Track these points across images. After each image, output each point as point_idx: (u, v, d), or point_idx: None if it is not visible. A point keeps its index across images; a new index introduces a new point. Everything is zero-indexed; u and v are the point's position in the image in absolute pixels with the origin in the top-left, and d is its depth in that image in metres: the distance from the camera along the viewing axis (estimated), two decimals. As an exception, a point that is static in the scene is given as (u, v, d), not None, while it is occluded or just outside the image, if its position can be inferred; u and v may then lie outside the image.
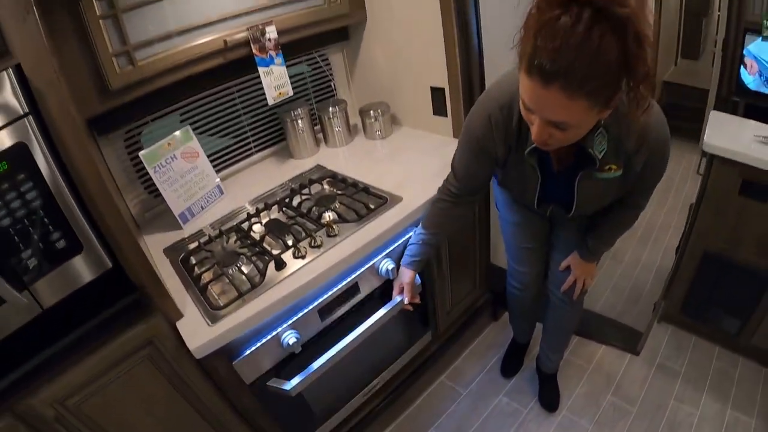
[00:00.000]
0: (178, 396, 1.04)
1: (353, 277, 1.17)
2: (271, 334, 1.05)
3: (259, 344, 1.04)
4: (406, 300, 1.21)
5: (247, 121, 1.63)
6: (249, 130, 1.65)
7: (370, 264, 1.20)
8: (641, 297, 1.97)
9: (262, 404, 1.14)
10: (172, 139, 1.33)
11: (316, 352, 1.13)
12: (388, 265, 1.21)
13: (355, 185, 1.40)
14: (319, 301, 1.12)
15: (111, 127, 1.30)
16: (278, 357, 1.09)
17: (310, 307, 1.11)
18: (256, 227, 1.30)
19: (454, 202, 1.14)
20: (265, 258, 1.14)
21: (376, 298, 1.26)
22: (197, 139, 1.40)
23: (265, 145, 1.72)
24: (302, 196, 1.41)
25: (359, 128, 1.77)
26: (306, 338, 1.12)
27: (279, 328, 1.06)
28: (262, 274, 1.09)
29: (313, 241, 1.16)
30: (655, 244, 2.26)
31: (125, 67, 1.13)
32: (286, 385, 1.08)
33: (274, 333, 1.05)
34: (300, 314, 1.09)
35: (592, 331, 1.81)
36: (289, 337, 1.05)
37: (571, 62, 0.63)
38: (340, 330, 1.18)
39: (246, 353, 1.03)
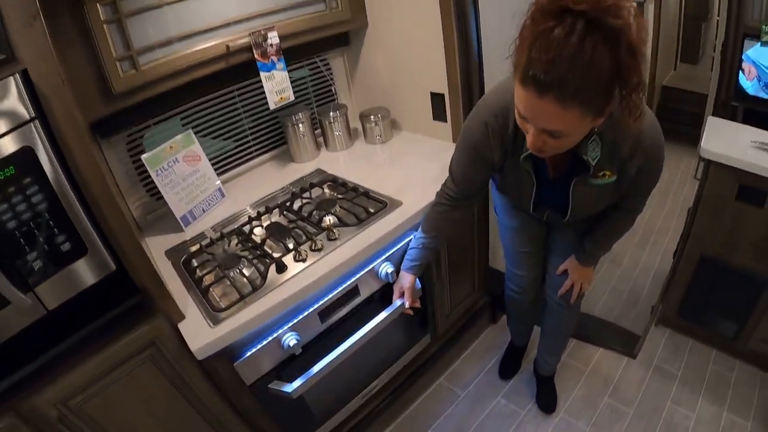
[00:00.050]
0: (179, 396, 1.05)
1: (353, 280, 1.18)
2: (272, 336, 1.06)
3: (260, 346, 1.05)
4: (407, 304, 1.22)
5: (249, 124, 1.64)
6: (250, 134, 1.66)
7: (370, 267, 1.21)
8: (639, 300, 1.98)
9: (262, 405, 1.15)
10: (174, 142, 1.34)
11: (316, 353, 1.14)
12: (387, 268, 1.23)
13: (355, 189, 1.41)
14: (320, 304, 1.13)
15: (113, 130, 1.31)
16: (279, 358, 1.10)
17: (311, 310, 1.12)
18: (257, 230, 1.31)
19: (452, 206, 1.15)
20: (266, 261, 1.15)
21: (375, 300, 1.27)
22: (199, 143, 1.41)
23: (266, 149, 1.73)
24: (303, 200, 1.42)
25: (359, 132, 1.78)
26: (306, 340, 1.13)
27: (280, 330, 1.07)
28: (263, 276, 1.10)
29: (313, 244, 1.17)
30: (654, 248, 2.26)
31: (128, 71, 1.14)
32: (288, 388, 1.09)
33: (275, 335, 1.06)
34: (300, 316, 1.10)
35: (590, 334, 1.82)
36: (290, 339, 1.06)
37: (565, 74, 0.65)
38: (340, 332, 1.19)
39: (247, 354, 1.04)
